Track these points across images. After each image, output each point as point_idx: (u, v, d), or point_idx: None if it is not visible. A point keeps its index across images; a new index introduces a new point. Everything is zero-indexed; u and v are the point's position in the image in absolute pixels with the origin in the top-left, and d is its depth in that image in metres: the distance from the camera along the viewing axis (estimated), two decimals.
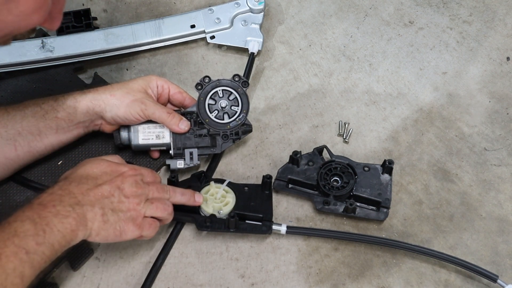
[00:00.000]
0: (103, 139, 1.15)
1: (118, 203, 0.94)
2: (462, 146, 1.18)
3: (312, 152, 1.12)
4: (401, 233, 1.09)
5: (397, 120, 1.21)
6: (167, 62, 1.27)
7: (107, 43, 1.23)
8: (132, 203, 0.95)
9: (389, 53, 1.28)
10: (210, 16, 1.27)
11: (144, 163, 1.14)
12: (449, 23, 1.32)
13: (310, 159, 1.11)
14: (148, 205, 0.97)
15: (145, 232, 0.96)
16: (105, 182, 0.95)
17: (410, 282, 1.05)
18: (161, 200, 0.99)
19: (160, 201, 0.99)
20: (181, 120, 1.08)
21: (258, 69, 1.26)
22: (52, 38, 1.22)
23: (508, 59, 1.28)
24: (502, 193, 1.13)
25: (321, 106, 1.22)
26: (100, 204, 0.92)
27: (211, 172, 1.14)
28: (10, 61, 1.20)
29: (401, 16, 1.33)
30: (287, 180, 1.10)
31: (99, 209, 0.92)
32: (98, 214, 0.92)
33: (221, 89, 1.12)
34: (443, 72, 1.26)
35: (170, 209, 1.00)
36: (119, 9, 1.33)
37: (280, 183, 1.10)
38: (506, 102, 1.23)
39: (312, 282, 1.05)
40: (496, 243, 1.09)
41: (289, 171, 1.10)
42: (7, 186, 1.10)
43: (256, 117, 1.21)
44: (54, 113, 1.04)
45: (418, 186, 1.14)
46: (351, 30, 1.31)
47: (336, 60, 1.28)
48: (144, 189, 0.97)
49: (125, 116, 1.06)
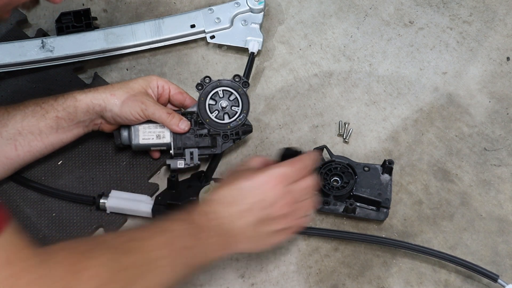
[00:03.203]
0: (103, 139, 1.15)
1: (268, 220, 0.91)
2: (462, 146, 1.18)
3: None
4: (401, 233, 1.09)
5: (397, 120, 1.21)
6: (167, 62, 1.27)
7: (107, 43, 1.23)
8: (282, 217, 0.92)
9: (389, 53, 1.28)
10: (210, 16, 1.27)
11: (144, 163, 1.14)
12: (449, 23, 1.32)
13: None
14: (297, 211, 0.93)
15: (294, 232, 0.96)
16: (254, 202, 0.90)
17: (410, 282, 1.05)
18: (308, 199, 0.95)
19: (307, 201, 0.95)
20: (181, 120, 1.08)
21: (258, 69, 1.26)
22: (52, 38, 1.22)
23: (508, 59, 1.28)
24: (502, 193, 1.13)
25: (321, 106, 1.22)
26: (250, 225, 0.90)
27: (211, 172, 1.14)
28: (10, 61, 1.20)
29: (401, 16, 1.33)
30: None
31: (251, 230, 0.90)
32: (249, 235, 0.90)
33: (221, 90, 1.13)
34: (443, 72, 1.26)
35: (316, 202, 0.99)
36: (119, 9, 1.33)
37: None
38: (506, 102, 1.23)
39: (312, 282, 1.05)
40: (496, 243, 1.09)
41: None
42: (7, 186, 1.10)
43: (256, 117, 1.21)
44: (55, 112, 1.04)
45: (418, 186, 1.14)
46: (351, 30, 1.31)
47: (336, 60, 1.28)
48: (293, 198, 0.92)
49: (125, 116, 1.06)
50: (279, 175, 0.91)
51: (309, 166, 0.95)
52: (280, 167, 0.92)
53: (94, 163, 1.14)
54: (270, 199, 0.90)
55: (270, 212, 0.90)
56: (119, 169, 1.14)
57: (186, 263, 0.87)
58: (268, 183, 0.91)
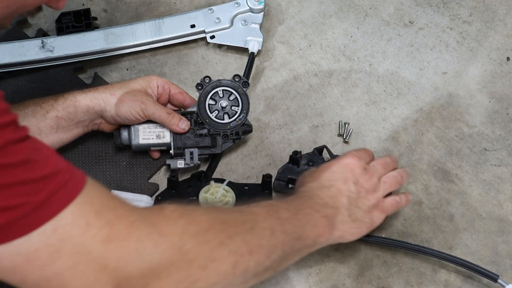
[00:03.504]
0: (103, 138, 1.15)
1: (358, 197, 0.96)
2: (462, 146, 1.18)
3: (312, 152, 1.12)
4: (401, 233, 1.09)
5: (397, 120, 1.21)
6: (167, 62, 1.27)
7: (107, 43, 1.23)
8: (370, 191, 0.97)
9: (389, 53, 1.28)
10: (210, 16, 1.27)
11: (144, 163, 1.14)
12: (449, 23, 1.32)
13: (310, 159, 1.11)
14: (382, 185, 0.99)
15: (389, 213, 0.99)
16: (340, 181, 0.96)
17: (410, 282, 1.05)
18: (389, 175, 1.01)
19: (389, 175, 1.01)
20: (181, 120, 1.08)
21: (258, 69, 1.26)
22: (52, 38, 1.22)
23: (508, 59, 1.28)
24: (502, 193, 1.13)
25: (321, 106, 1.22)
26: (345, 204, 0.94)
27: (211, 172, 1.14)
28: (10, 61, 1.20)
29: (401, 16, 1.33)
30: (287, 180, 1.10)
31: (346, 209, 0.94)
32: (346, 214, 0.93)
33: (221, 89, 1.13)
34: (443, 72, 1.26)
35: (399, 177, 1.02)
36: (119, 9, 1.33)
37: (280, 183, 1.10)
38: (506, 102, 1.23)
39: (312, 282, 1.05)
40: (496, 243, 1.09)
41: (289, 171, 1.10)
42: None
43: (256, 117, 1.21)
44: (55, 112, 1.04)
45: (418, 186, 1.14)
46: (351, 30, 1.31)
47: (336, 60, 1.28)
48: (373, 172, 0.99)
49: (125, 115, 1.06)
50: (355, 155, 0.99)
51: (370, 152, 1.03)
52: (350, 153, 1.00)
53: (94, 163, 1.14)
54: (356, 175, 0.97)
55: (358, 188, 0.96)
56: (119, 169, 1.14)
57: (284, 231, 0.87)
58: (350, 163, 0.98)
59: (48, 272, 0.72)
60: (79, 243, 0.72)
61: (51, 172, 0.72)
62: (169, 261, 0.76)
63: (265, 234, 0.84)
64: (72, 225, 0.72)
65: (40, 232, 0.70)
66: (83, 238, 0.72)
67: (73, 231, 0.72)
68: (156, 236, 0.76)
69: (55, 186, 0.72)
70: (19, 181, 0.70)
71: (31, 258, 0.71)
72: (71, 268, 0.72)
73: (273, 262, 0.85)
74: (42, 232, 0.71)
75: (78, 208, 0.73)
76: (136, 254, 0.74)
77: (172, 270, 0.76)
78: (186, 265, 0.77)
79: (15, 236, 0.70)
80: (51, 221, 0.71)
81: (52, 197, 0.71)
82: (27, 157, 0.71)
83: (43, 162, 0.73)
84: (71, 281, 0.72)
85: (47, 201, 0.71)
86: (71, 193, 0.73)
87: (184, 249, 0.77)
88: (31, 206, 0.70)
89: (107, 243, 0.73)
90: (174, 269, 0.76)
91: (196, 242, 0.78)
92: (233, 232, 0.82)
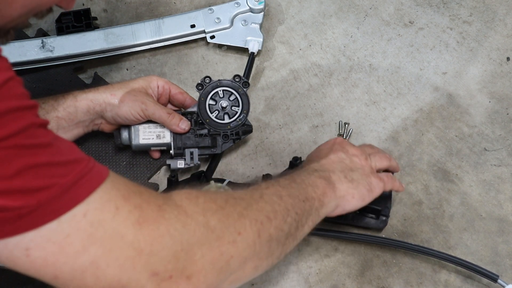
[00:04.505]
0: (103, 139, 1.15)
1: (351, 162, 0.98)
2: (462, 146, 1.18)
3: None
4: (401, 233, 1.09)
5: (397, 120, 1.21)
6: (167, 62, 1.27)
7: (107, 43, 1.23)
8: (361, 159, 0.99)
9: (389, 53, 1.28)
10: (210, 16, 1.27)
11: (144, 163, 1.14)
12: (449, 23, 1.32)
13: None
14: (372, 158, 1.01)
15: (387, 185, 1.00)
16: (330, 152, 0.99)
17: (410, 282, 1.05)
18: (378, 153, 1.04)
19: (378, 153, 1.04)
20: (181, 120, 1.08)
21: (258, 69, 1.26)
22: (52, 38, 1.22)
23: (508, 59, 1.28)
24: (502, 193, 1.14)
25: (321, 106, 1.22)
26: (338, 168, 0.96)
27: (211, 172, 1.14)
28: (10, 61, 1.19)
29: (401, 16, 1.33)
30: None
31: (340, 172, 0.96)
32: (341, 176, 0.95)
33: (221, 90, 1.13)
34: (443, 72, 1.26)
35: (388, 156, 1.05)
36: (119, 9, 1.33)
37: None
38: (506, 102, 1.23)
39: (312, 282, 1.05)
40: (496, 243, 1.09)
41: None
42: None
43: (256, 117, 1.21)
44: (55, 112, 1.04)
45: (418, 186, 1.14)
46: (351, 30, 1.31)
47: (336, 60, 1.28)
48: (361, 148, 1.02)
49: (125, 116, 1.06)
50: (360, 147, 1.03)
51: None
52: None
53: None
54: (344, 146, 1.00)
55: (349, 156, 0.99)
56: (119, 169, 1.14)
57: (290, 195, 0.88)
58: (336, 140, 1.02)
59: (82, 260, 0.70)
60: (111, 227, 0.71)
61: (75, 159, 0.72)
62: (199, 240, 0.76)
63: (274, 199, 0.86)
64: (102, 209, 0.71)
65: (70, 216, 0.69)
66: (115, 222, 0.71)
67: (103, 215, 0.71)
68: (184, 217, 0.76)
69: (82, 171, 0.71)
70: (46, 162, 0.68)
71: (63, 245, 0.69)
72: (105, 254, 0.70)
73: (290, 227, 0.86)
74: (72, 216, 0.69)
75: (105, 193, 0.72)
76: (169, 236, 0.74)
77: (204, 250, 0.76)
78: (217, 243, 0.77)
79: (46, 220, 0.68)
80: (81, 204, 0.70)
81: (80, 181, 0.70)
82: (50, 142, 0.70)
83: (66, 150, 0.72)
84: (106, 270, 0.70)
85: (76, 184, 0.70)
86: (97, 179, 0.72)
87: (211, 226, 0.77)
88: (61, 188, 0.68)
89: (138, 226, 0.72)
90: (206, 249, 0.76)
91: (219, 218, 0.78)
92: (247, 203, 0.83)
